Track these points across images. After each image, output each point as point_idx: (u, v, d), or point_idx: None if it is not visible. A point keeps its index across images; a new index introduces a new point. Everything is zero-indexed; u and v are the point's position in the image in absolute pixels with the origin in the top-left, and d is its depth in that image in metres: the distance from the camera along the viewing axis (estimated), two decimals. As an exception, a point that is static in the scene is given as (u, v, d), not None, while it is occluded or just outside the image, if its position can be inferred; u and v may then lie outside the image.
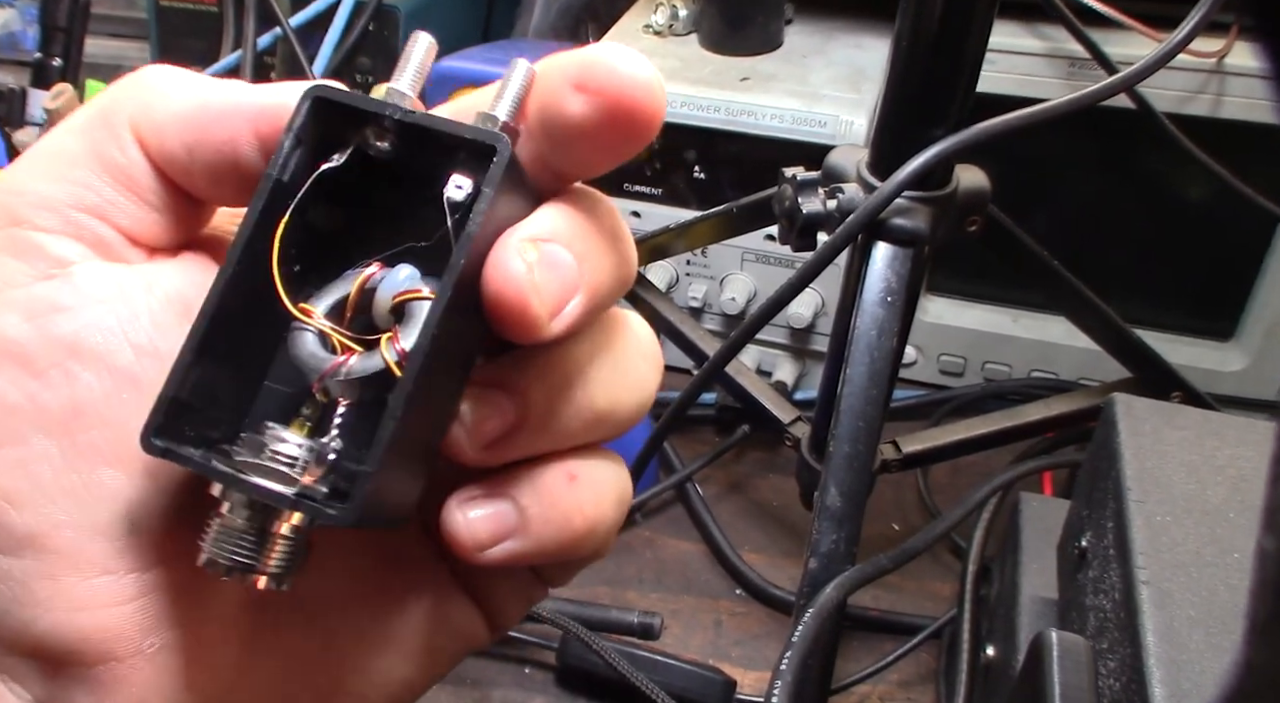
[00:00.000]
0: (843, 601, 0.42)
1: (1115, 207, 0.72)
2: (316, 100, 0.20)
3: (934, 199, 0.48)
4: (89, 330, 0.21)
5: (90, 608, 0.21)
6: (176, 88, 0.22)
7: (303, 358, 0.21)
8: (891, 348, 0.46)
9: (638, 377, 0.23)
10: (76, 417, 0.20)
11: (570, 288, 0.21)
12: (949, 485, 0.71)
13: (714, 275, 0.74)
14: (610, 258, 0.22)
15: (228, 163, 0.21)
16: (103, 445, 0.21)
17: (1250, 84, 0.63)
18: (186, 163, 0.21)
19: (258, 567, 0.20)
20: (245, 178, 0.21)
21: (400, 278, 0.21)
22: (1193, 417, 0.38)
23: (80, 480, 0.20)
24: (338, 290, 0.21)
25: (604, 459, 0.23)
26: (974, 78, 0.46)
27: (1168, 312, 0.73)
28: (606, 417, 0.23)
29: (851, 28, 0.78)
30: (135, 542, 0.21)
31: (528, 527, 0.22)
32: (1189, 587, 0.31)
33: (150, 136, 0.21)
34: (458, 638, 0.26)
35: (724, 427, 0.74)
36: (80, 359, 0.21)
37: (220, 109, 0.21)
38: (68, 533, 0.20)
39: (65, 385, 0.20)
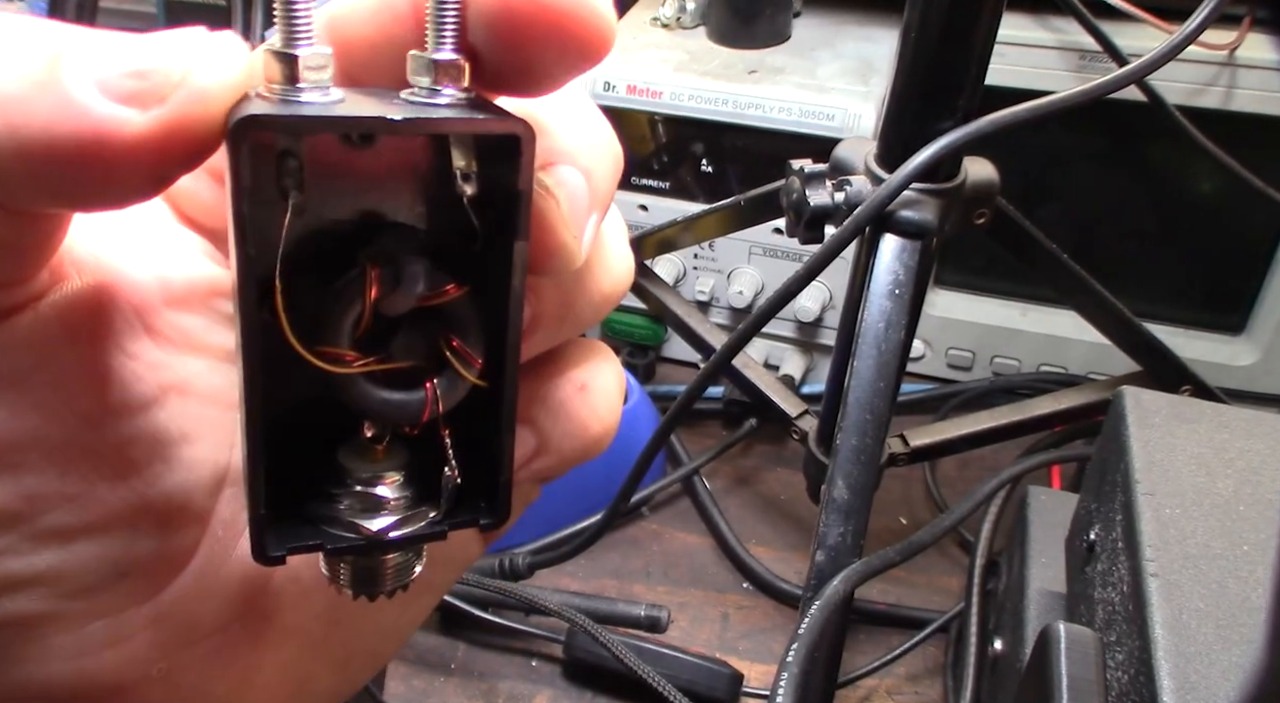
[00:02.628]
0: (849, 594, 0.42)
1: (1125, 200, 0.72)
2: (247, 143, 0.15)
3: (942, 191, 0.47)
4: (18, 414, 0.17)
5: (89, 654, 0.19)
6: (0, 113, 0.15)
7: (381, 408, 0.19)
8: (899, 341, 0.46)
9: (623, 256, 0.22)
10: (32, 505, 0.18)
11: (588, 208, 0.19)
12: (957, 479, 0.71)
13: (721, 269, 0.74)
14: (608, 160, 0.20)
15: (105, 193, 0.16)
16: (71, 521, 0.18)
17: (1262, 76, 0.62)
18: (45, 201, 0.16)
19: (391, 587, 0.20)
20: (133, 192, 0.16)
21: (418, 276, 0.18)
22: (1202, 410, 0.38)
23: (53, 559, 0.18)
24: (344, 309, 0.19)
25: (601, 358, 0.23)
26: (983, 70, 0.46)
27: (1178, 305, 0.73)
28: (610, 296, 0.22)
29: (860, 20, 0.78)
30: (128, 583, 0.20)
31: (549, 445, 0.21)
32: (1198, 580, 0.31)
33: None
34: (453, 563, 0.25)
35: (731, 420, 0.74)
36: (18, 449, 0.18)
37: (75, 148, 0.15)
38: (51, 604, 0.19)
39: (9, 480, 0.18)
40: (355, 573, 0.20)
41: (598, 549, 0.63)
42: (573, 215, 0.19)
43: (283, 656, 0.23)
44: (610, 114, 0.20)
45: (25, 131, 0.14)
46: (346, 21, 0.17)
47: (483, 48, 0.17)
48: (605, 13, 0.17)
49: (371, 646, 0.25)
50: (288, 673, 0.23)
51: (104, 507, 0.19)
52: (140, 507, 0.19)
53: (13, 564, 0.18)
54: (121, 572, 0.19)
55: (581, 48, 0.17)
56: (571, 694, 0.58)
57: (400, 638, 0.26)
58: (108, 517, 0.19)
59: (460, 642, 0.60)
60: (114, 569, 0.19)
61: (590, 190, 0.19)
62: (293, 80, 0.16)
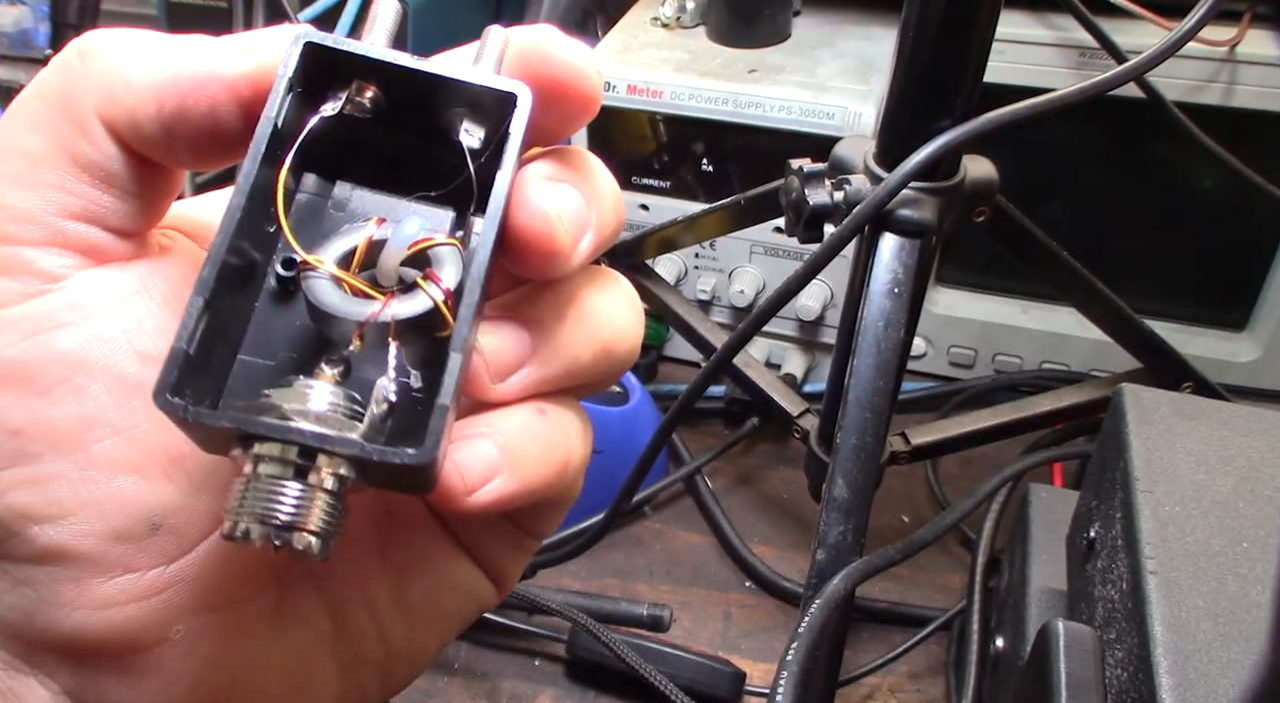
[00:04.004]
0: (850, 592, 0.42)
1: (1125, 197, 0.72)
2: (308, 46, 0.20)
3: (941, 190, 0.47)
4: (91, 344, 0.20)
5: (116, 605, 0.21)
6: (138, 62, 0.20)
7: (333, 304, 0.20)
8: (899, 339, 0.46)
9: (630, 315, 0.24)
10: (87, 431, 0.20)
11: (584, 225, 0.22)
12: (958, 477, 0.71)
13: (722, 268, 0.74)
14: (610, 201, 0.23)
15: (208, 134, 0.20)
16: (117, 455, 0.21)
17: (1263, 72, 0.62)
18: (165, 141, 0.20)
19: (298, 524, 0.18)
20: (228, 144, 0.21)
21: (411, 228, 0.20)
22: (1202, 407, 0.38)
23: (98, 492, 0.20)
24: (340, 243, 0.21)
25: (566, 402, 0.23)
26: (981, 68, 0.46)
27: (1179, 302, 0.73)
28: (612, 348, 0.23)
29: (859, 19, 0.78)
30: (157, 539, 0.21)
31: (510, 460, 0.21)
32: (1197, 577, 0.31)
33: (122, 122, 0.20)
34: (467, 600, 0.26)
35: (733, 419, 0.74)
36: (86, 373, 0.20)
37: (194, 80, 0.20)
38: (89, 541, 0.20)
39: (73, 401, 0.20)
40: (264, 493, 0.18)
41: (600, 549, 0.63)
42: (569, 218, 0.21)
43: (292, 642, 0.24)
44: (611, 114, 0.23)
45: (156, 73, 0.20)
46: None
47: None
48: (598, 82, 0.21)
49: (378, 658, 0.25)
50: (293, 663, 0.24)
51: (147, 449, 0.21)
52: (177, 458, 0.22)
53: (62, 491, 0.20)
54: (153, 524, 0.21)
55: (580, 106, 0.21)
56: (574, 694, 0.58)
57: (409, 662, 0.26)
58: (148, 459, 0.21)
59: (463, 641, 0.61)
60: (147, 519, 0.21)
61: (589, 211, 0.22)
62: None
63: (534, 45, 0.21)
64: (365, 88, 0.21)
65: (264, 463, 0.19)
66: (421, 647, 0.26)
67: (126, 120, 0.20)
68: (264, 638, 0.23)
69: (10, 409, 0.20)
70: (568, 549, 0.61)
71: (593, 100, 0.21)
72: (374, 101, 0.21)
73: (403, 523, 0.25)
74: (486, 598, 0.26)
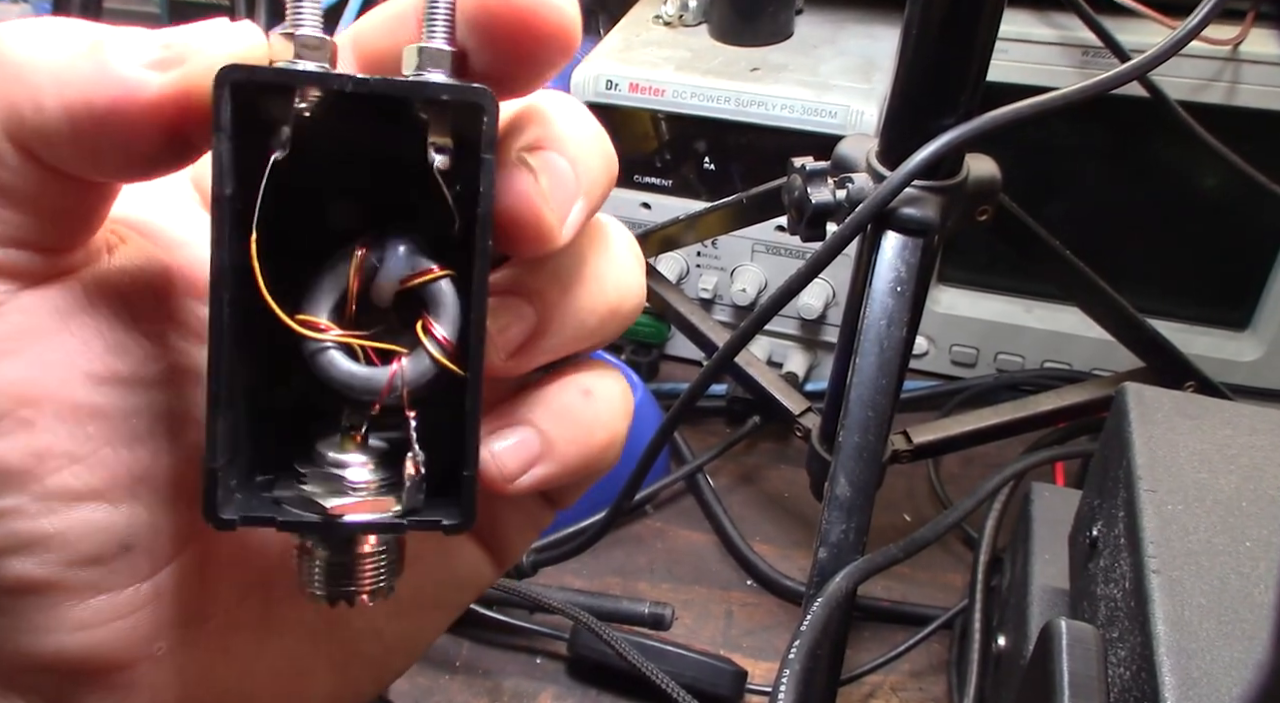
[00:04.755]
0: (852, 590, 0.42)
1: (1128, 196, 0.72)
2: (235, 88, 0.17)
3: (944, 188, 0.47)
4: (34, 373, 0.19)
5: (92, 626, 0.20)
6: (45, 75, 0.17)
7: (345, 379, 0.19)
8: (901, 338, 0.46)
9: (631, 269, 0.23)
10: (41, 463, 0.19)
11: (573, 194, 0.20)
12: (961, 476, 0.71)
13: (724, 267, 0.74)
14: (596, 155, 0.21)
15: (131, 156, 0.18)
16: (76, 483, 0.19)
17: (1266, 71, 0.62)
18: (87, 162, 0.18)
19: (368, 588, 0.20)
20: (154, 161, 0.19)
21: (400, 258, 0.19)
22: (1205, 405, 0.38)
23: (60, 521, 0.19)
24: (329, 287, 0.19)
25: (605, 370, 0.23)
26: (984, 66, 0.45)
27: (1182, 301, 0.73)
28: (618, 308, 0.22)
29: (862, 17, 0.78)
30: (130, 558, 0.20)
31: (552, 449, 0.21)
32: (1200, 576, 0.31)
33: (35, 144, 0.18)
34: (465, 587, 0.26)
35: (734, 418, 0.74)
36: (32, 405, 0.19)
37: (109, 102, 0.17)
38: (57, 570, 0.20)
39: (21, 436, 0.19)
40: (326, 571, 0.20)
41: (601, 547, 0.63)
42: (554, 193, 0.20)
43: (282, 647, 0.23)
44: (613, 112, 0.21)
45: (68, 92, 0.17)
46: (366, 35, 0.20)
47: (469, 48, 0.19)
48: (569, 11, 0.18)
49: (373, 653, 0.25)
50: (287, 665, 0.23)
51: (108, 473, 0.20)
52: (141, 478, 0.20)
53: (21, 525, 0.19)
54: (125, 545, 0.20)
55: (550, 43, 0.19)
56: (575, 692, 0.58)
57: (406, 653, 0.26)
58: (112, 483, 0.20)
59: (464, 639, 0.61)
60: (117, 541, 0.20)
61: (575, 177, 0.20)
62: (294, 57, 0.18)
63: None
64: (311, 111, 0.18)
65: (319, 546, 0.20)
66: (417, 638, 0.26)
67: (39, 142, 0.18)
68: (252, 645, 0.23)
69: None
70: (569, 547, 0.61)
71: (570, 36, 0.19)
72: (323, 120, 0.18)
73: None
74: (485, 580, 0.26)
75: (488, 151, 0.18)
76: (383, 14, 0.20)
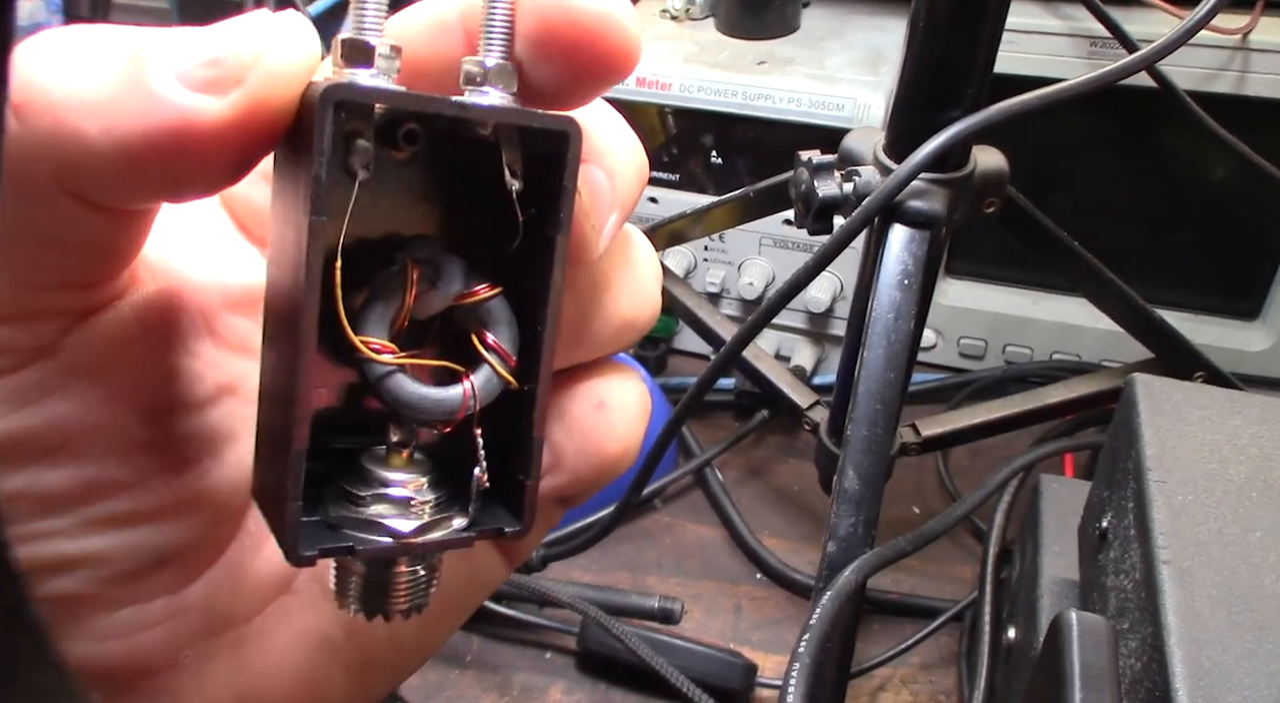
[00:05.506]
0: (861, 583, 0.42)
1: (1137, 186, 0.71)
2: (341, 105, 0.16)
3: (951, 181, 0.47)
4: (87, 407, 0.19)
5: (120, 636, 0.20)
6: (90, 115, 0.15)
7: (417, 402, 0.19)
8: (909, 330, 0.46)
9: (649, 281, 0.23)
10: (89, 492, 0.19)
11: (609, 207, 0.20)
12: (969, 468, 0.71)
13: (732, 260, 0.74)
14: (632, 166, 0.21)
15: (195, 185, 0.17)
16: (123, 510, 0.19)
17: (1276, 60, 0.62)
18: (145, 197, 0.17)
19: (410, 605, 0.20)
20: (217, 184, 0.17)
21: (454, 275, 0.19)
22: (1214, 396, 0.38)
23: (101, 543, 0.19)
24: (382, 306, 0.19)
25: (622, 376, 0.22)
26: (991, 58, 0.45)
27: (1191, 292, 0.73)
28: (632, 321, 0.22)
29: (869, 10, 0.78)
30: (164, 571, 0.21)
31: (563, 462, 0.21)
32: (1210, 566, 0.31)
33: (90, 190, 0.16)
34: (478, 586, 0.25)
35: (742, 412, 0.74)
36: (83, 440, 0.19)
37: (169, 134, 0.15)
38: (93, 587, 0.20)
39: (72, 466, 0.19)
40: (367, 588, 0.20)
41: (610, 542, 0.63)
42: (593, 207, 0.19)
43: (301, 654, 0.23)
44: (620, 106, 0.21)
45: (119, 130, 0.15)
46: (404, 38, 0.18)
47: (524, 61, 0.18)
48: (632, 32, 0.18)
49: (390, 658, 0.25)
50: (305, 672, 0.23)
51: (155, 498, 0.20)
52: (187, 499, 0.20)
53: (64, 546, 0.19)
54: (161, 560, 0.20)
55: (610, 63, 0.18)
56: (585, 686, 0.58)
57: (420, 656, 0.26)
58: (157, 507, 0.20)
59: (474, 635, 0.61)
60: (154, 557, 0.20)
61: (612, 190, 0.20)
62: (367, 67, 0.17)
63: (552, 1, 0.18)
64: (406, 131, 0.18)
65: (374, 565, 0.19)
66: (431, 640, 0.26)
67: (91, 185, 0.16)
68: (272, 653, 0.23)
69: (5, 478, 0.18)
70: (578, 542, 0.61)
71: (629, 56, 0.18)
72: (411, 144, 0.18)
73: None
74: (498, 578, 0.26)
75: (570, 181, 0.18)
76: (423, 21, 0.19)
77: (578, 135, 0.18)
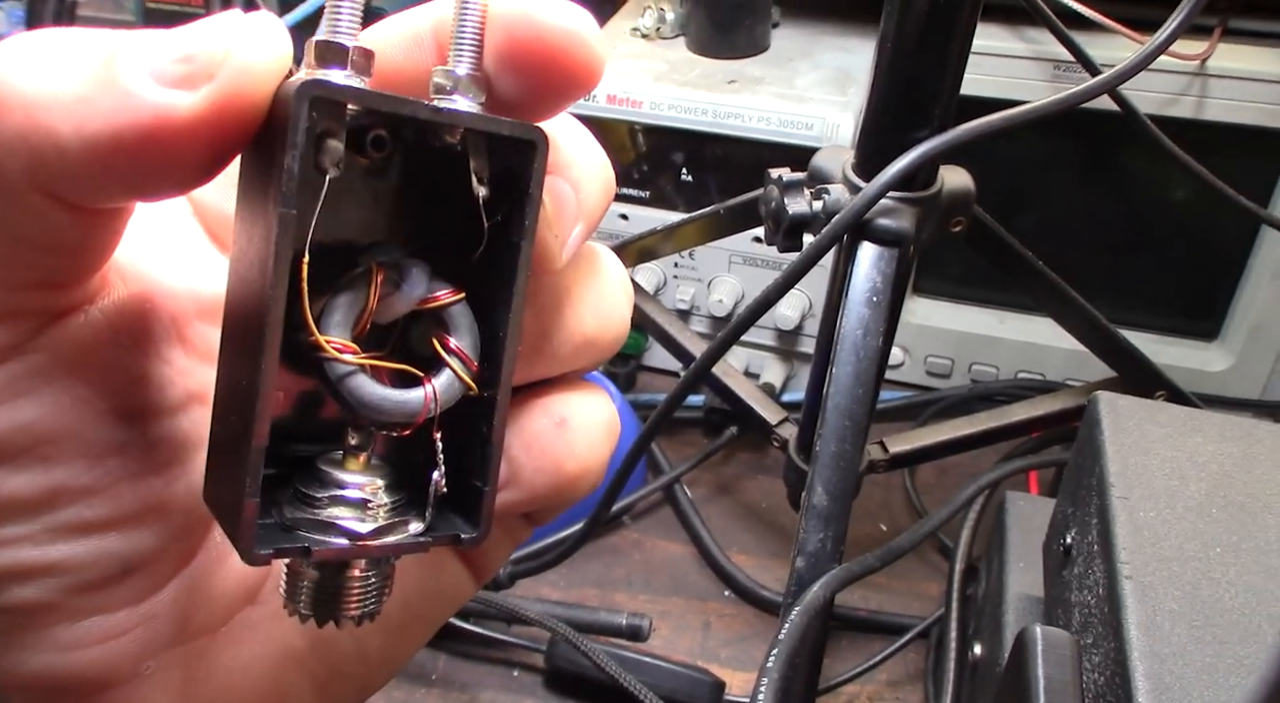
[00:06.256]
0: (830, 599, 0.42)
1: (1100, 208, 0.72)
2: (316, 101, 0.16)
3: (919, 200, 0.48)
4: (56, 410, 0.19)
5: (83, 647, 0.20)
6: (62, 112, 0.15)
7: (378, 403, 0.19)
8: (877, 347, 0.46)
9: (616, 302, 0.22)
10: (55, 498, 0.19)
11: (573, 218, 0.20)
12: (936, 486, 0.72)
13: (701, 278, 0.74)
14: (598, 180, 0.21)
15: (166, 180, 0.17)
16: (90, 515, 0.19)
17: (1233, 86, 0.63)
18: (118, 195, 0.17)
19: (361, 611, 0.20)
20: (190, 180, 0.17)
21: (418, 280, 0.19)
22: (1175, 414, 0.39)
23: (67, 551, 0.19)
24: (346, 307, 0.19)
25: (588, 393, 0.22)
26: (958, 80, 0.46)
27: (1152, 312, 0.74)
28: (594, 340, 0.22)
29: (838, 31, 0.79)
30: (129, 581, 0.20)
31: (519, 478, 0.21)
32: (1171, 581, 0.31)
33: (62, 187, 0.16)
34: (446, 601, 0.25)
35: (712, 428, 0.74)
36: (52, 442, 0.19)
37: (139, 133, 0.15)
38: (57, 595, 0.19)
39: (39, 471, 0.19)
40: (318, 592, 0.19)
41: (579, 558, 0.63)
42: (556, 217, 0.20)
43: (266, 667, 0.23)
44: (591, 123, 0.21)
45: (91, 127, 0.15)
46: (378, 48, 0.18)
47: (492, 73, 0.19)
48: (597, 49, 0.18)
49: (357, 671, 0.25)
50: (270, 684, 0.23)
51: (122, 504, 0.20)
52: (155, 506, 0.20)
53: (28, 554, 0.19)
54: (127, 569, 0.20)
55: (575, 78, 0.19)
56: (553, 704, 0.58)
57: (388, 669, 0.25)
58: (124, 514, 0.20)
59: (441, 652, 0.60)
60: (120, 566, 0.20)
61: (577, 202, 0.20)
62: (340, 68, 0.17)
63: (519, 14, 0.18)
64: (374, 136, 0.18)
65: (326, 569, 0.19)
66: (399, 654, 0.25)
67: (64, 183, 0.16)
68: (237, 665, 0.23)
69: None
70: (546, 559, 0.61)
71: (593, 71, 0.18)
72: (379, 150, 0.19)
73: None
74: (465, 594, 0.26)
75: (535, 189, 0.18)
76: (397, 33, 0.19)
77: (544, 144, 0.18)
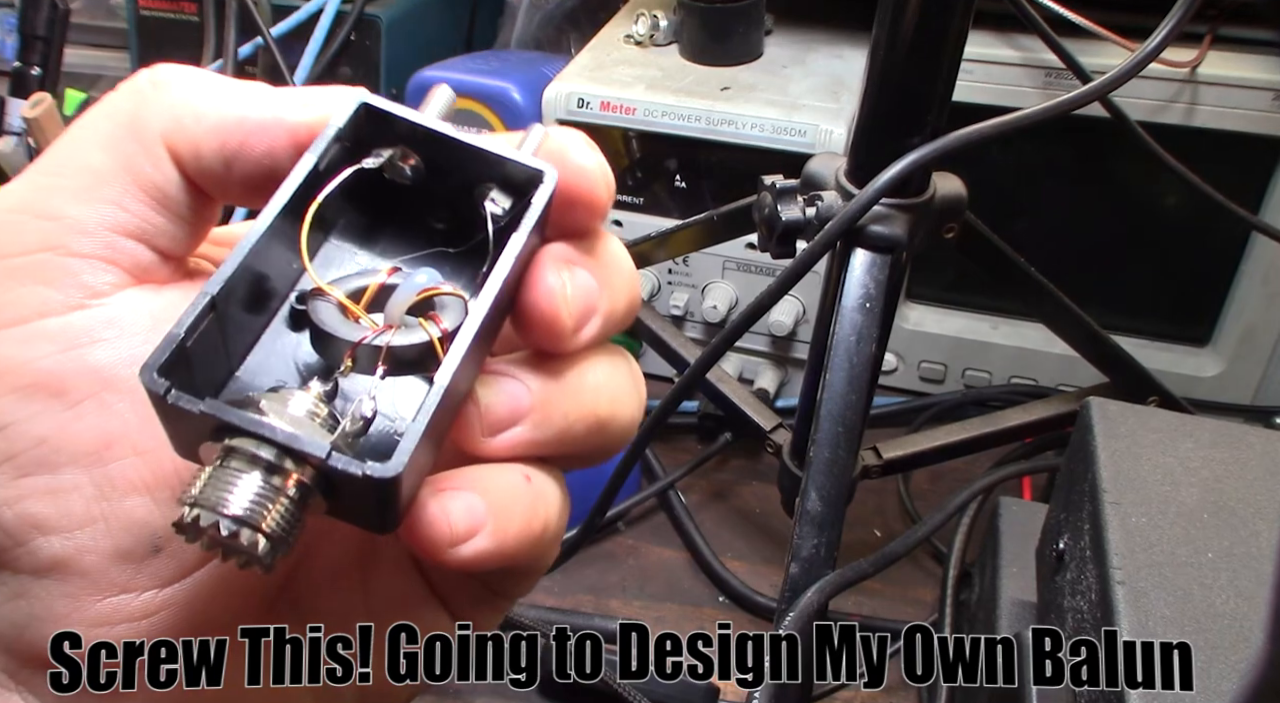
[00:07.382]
0: (824, 605, 0.42)
1: (1091, 214, 0.73)
2: (363, 106, 0.21)
3: (911, 206, 0.48)
4: (124, 362, 0.21)
5: (108, 624, 0.21)
6: (208, 97, 0.22)
7: (332, 324, 0.21)
8: (870, 353, 0.46)
9: (629, 399, 0.24)
10: (109, 447, 0.21)
11: (592, 308, 0.22)
12: (930, 491, 0.72)
13: (695, 284, 0.75)
14: (624, 290, 0.23)
15: (263, 173, 0.21)
16: (133, 475, 0.21)
17: (1223, 93, 0.64)
18: (222, 174, 0.22)
19: (251, 520, 0.18)
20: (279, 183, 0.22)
21: (421, 278, 0.21)
22: (1167, 419, 0.39)
23: (109, 508, 0.21)
24: (354, 283, 0.22)
25: (551, 472, 0.24)
26: (950, 87, 0.46)
27: (1144, 318, 0.74)
28: (605, 425, 0.23)
29: (831, 38, 0.79)
30: (157, 562, 0.21)
31: (494, 520, 0.21)
32: (1163, 587, 0.32)
33: (185, 151, 0.21)
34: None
35: (706, 434, 0.74)
36: (115, 391, 0.21)
37: (259, 122, 0.21)
38: (92, 558, 0.21)
39: (99, 417, 0.21)
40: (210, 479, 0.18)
41: (573, 564, 0.63)
42: (575, 300, 0.22)
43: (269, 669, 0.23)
44: (584, 130, 0.24)
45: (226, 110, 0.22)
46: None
47: None
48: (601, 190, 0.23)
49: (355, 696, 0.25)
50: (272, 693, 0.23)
51: (161, 471, 0.21)
52: None
53: (73, 505, 0.21)
54: (156, 546, 0.21)
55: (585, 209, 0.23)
56: (547, 710, 0.58)
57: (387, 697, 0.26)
58: (161, 482, 0.21)
59: (435, 659, 0.60)
60: (151, 540, 0.21)
61: (599, 296, 0.23)
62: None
63: (557, 146, 0.22)
64: (409, 154, 0.22)
65: (232, 456, 0.19)
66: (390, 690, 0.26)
67: (190, 150, 0.21)
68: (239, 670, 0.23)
69: (38, 418, 0.20)
70: (541, 565, 0.61)
71: (596, 205, 0.23)
72: (414, 168, 0.22)
73: (386, 566, 0.25)
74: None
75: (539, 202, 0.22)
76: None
77: (553, 176, 0.22)
